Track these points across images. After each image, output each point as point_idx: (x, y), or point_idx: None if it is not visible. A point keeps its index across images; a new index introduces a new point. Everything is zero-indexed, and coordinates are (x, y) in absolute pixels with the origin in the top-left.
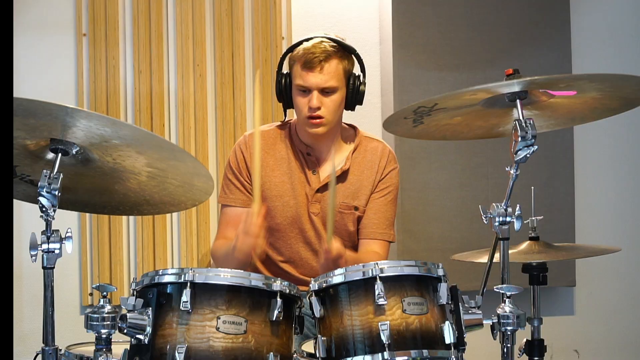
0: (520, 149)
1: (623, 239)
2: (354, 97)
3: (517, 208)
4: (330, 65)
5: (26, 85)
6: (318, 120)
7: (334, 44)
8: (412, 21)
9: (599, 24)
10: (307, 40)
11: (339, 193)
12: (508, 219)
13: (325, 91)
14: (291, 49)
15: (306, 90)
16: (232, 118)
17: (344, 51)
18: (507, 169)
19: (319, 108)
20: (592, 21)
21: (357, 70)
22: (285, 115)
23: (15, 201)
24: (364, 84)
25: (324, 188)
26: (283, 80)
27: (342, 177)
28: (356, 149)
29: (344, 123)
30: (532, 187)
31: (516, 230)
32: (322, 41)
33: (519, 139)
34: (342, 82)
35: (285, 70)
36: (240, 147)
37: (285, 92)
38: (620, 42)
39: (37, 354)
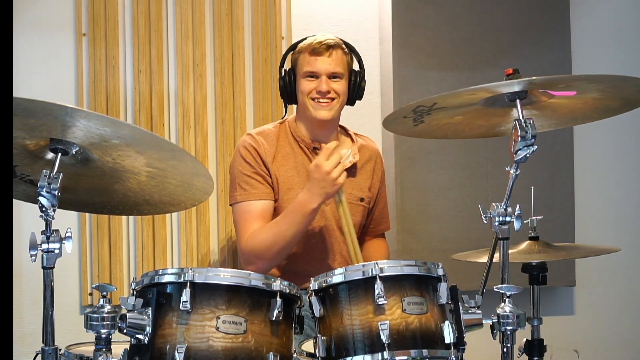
0: (520, 149)
1: (623, 239)
2: (355, 91)
3: (517, 208)
4: (337, 53)
5: (26, 85)
6: (326, 103)
7: (338, 39)
8: (412, 21)
9: (599, 24)
10: (308, 37)
11: (349, 185)
12: (508, 218)
13: (332, 77)
14: (293, 47)
15: (314, 76)
16: (232, 118)
17: (346, 47)
18: (507, 168)
19: (328, 92)
20: (592, 21)
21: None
22: (285, 112)
23: (15, 201)
24: (364, 80)
25: None
26: (287, 77)
27: (351, 169)
28: (360, 144)
29: None
30: (532, 187)
31: (516, 230)
32: (324, 35)
33: (519, 138)
34: (346, 73)
35: (287, 67)
36: (250, 144)
37: (289, 87)
38: (620, 42)
39: (37, 354)
